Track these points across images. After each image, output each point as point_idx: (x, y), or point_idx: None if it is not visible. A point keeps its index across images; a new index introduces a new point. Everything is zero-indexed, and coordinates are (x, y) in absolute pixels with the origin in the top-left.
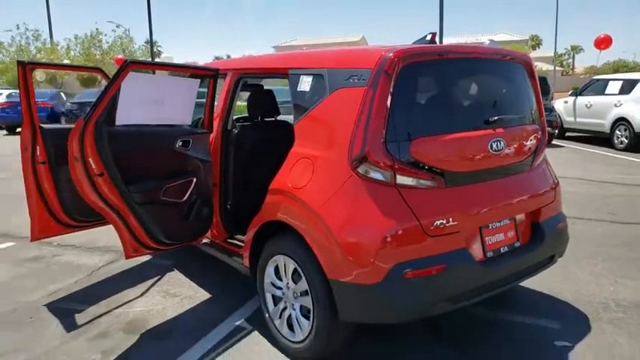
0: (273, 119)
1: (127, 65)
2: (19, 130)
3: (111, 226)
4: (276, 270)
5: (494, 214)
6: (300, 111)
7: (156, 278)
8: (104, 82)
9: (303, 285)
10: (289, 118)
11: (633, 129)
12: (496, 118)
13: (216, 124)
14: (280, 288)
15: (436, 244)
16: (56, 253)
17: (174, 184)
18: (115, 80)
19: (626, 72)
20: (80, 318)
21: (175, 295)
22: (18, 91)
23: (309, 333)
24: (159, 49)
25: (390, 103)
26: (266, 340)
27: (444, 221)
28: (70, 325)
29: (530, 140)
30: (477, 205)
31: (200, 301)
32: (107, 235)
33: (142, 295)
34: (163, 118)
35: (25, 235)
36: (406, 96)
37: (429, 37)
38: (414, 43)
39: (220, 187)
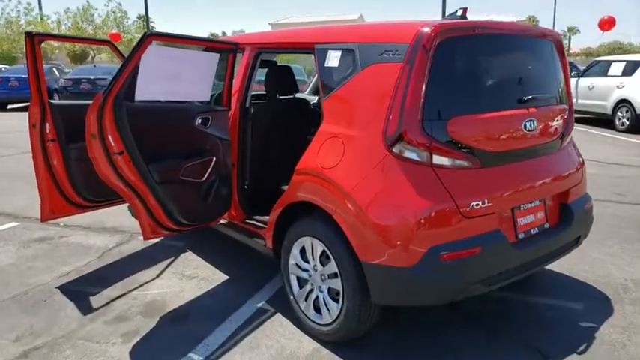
0: (291, 96)
1: (147, 37)
2: (10, 106)
3: (121, 206)
4: (302, 251)
5: (525, 195)
6: (328, 88)
7: (170, 260)
8: (98, 58)
9: (332, 267)
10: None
11: (635, 111)
12: (530, 96)
13: (233, 100)
14: (306, 270)
15: (471, 226)
16: (63, 233)
17: (193, 163)
18: (134, 53)
19: (621, 54)
20: (95, 300)
21: (191, 276)
22: (8, 67)
23: (338, 315)
24: (152, 25)
25: (427, 80)
26: (290, 322)
27: (480, 202)
28: (86, 308)
29: (560, 120)
30: (510, 186)
31: (217, 282)
32: (115, 215)
33: (157, 276)
34: (183, 93)
35: (28, 215)
36: (443, 73)
37: (460, 13)
38: (443, 19)
39: (237, 167)
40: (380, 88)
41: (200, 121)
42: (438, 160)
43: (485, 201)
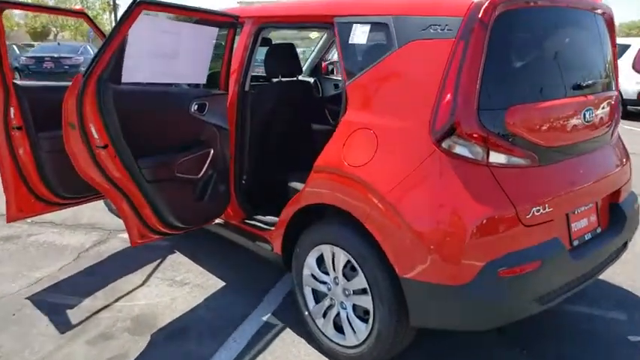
0: (295, 79)
1: (138, 5)
2: None
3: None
4: (319, 259)
5: (582, 196)
6: (353, 69)
7: (156, 262)
8: (60, 36)
9: (360, 282)
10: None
11: (622, 96)
12: (590, 82)
13: (231, 83)
14: (325, 282)
15: (531, 236)
16: (32, 232)
17: (190, 157)
18: (121, 25)
19: None
20: (74, 314)
21: (183, 283)
22: None
23: (367, 337)
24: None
25: (485, 60)
26: (304, 340)
27: (540, 208)
28: (63, 324)
29: (611, 107)
30: (568, 187)
31: (214, 290)
32: (91, 209)
33: (143, 283)
34: (177, 75)
35: None
36: (501, 53)
37: None
38: None
39: (235, 159)
40: (425, 70)
41: (196, 107)
42: (495, 157)
43: (546, 205)
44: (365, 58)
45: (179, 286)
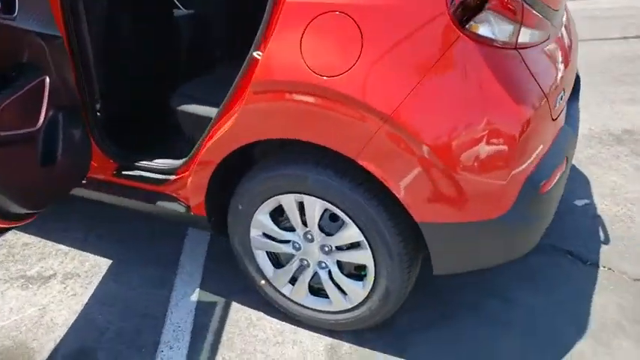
0: None
1: None
2: None
3: None
4: (274, 213)
5: (572, 69)
6: None
7: None
8: None
9: (350, 236)
10: None
11: None
12: None
13: None
14: (288, 241)
15: (554, 130)
16: None
17: (14, 97)
18: None
19: None
20: None
21: (44, 277)
22: None
23: (367, 298)
24: None
25: None
26: (263, 314)
27: (562, 94)
28: None
29: None
30: (568, 61)
31: (98, 277)
32: None
33: None
34: None
35: None
36: None
37: None
38: None
39: (78, 81)
40: None
41: None
42: (524, 34)
43: (563, 90)
44: None
45: (42, 284)
